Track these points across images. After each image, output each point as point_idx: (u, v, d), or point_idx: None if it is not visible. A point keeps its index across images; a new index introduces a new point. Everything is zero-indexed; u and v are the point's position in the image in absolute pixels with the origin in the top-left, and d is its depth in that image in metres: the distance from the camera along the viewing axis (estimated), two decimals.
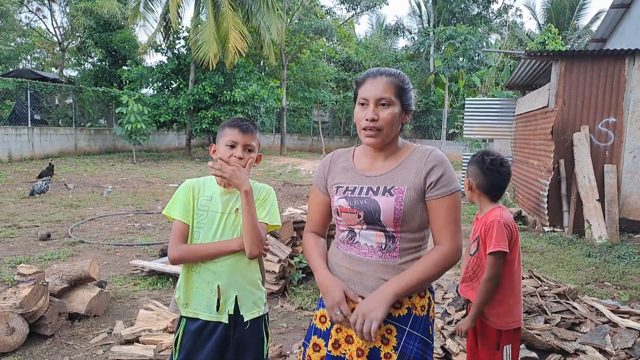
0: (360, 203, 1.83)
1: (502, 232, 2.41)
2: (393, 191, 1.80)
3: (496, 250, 2.38)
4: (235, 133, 2.13)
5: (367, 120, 1.80)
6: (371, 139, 1.82)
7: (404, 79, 1.86)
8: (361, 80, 1.87)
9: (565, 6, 28.47)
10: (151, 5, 19.63)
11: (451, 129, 25.05)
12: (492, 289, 2.42)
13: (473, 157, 2.60)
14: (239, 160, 2.11)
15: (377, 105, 1.80)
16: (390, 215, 1.78)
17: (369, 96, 1.81)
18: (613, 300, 4.80)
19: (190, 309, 2.18)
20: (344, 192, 1.89)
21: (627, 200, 7.93)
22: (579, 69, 7.98)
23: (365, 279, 1.83)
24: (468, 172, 2.60)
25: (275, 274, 4.75)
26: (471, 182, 2.56)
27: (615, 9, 11.59)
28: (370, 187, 1.85)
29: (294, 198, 10.94)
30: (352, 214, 1.85)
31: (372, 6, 27.39)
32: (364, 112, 1.83)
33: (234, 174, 2.06)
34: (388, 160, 1.89)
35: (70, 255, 6.01)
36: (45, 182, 10.08)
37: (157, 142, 23.40)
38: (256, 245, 2.10)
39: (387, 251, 1.82)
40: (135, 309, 4.25)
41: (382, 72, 1.84)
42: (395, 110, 1.81)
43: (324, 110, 29.09)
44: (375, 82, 1.82)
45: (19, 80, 17.22)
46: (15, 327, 3.46)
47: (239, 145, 2.13)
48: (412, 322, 1.83)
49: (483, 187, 2.54)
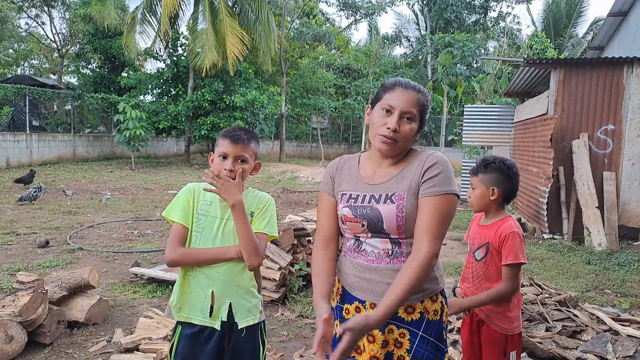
0: (363, 212, 1.83)
1: (522, 244, 2.42)
2: (394, 198, 1.80)
3: (518, 262, 2.38)
4: (227, 144, 2.12)
5: (389, 129, 1.79)
6: (385, 147, 1.81)
7: (429, 99, 1.88)
8: (390, 87, 1.85)
9: (562, 14, 28.61)
10: (148, 14, 19.64)
11: (450, 136, 25.10)
12: (505, 297, 2.44)
13: (486, 164, 2.53)
14: (229, 173, 2.09)
15: (401, 118, 1.80)
16: (393, 223, 1.78)
17: (396, 105, 1.80)
18: (614, 308, 4.80)
19: (184, 313, 2.17)
20: (348, 200, 1.89)
21: (626, 208, 7.94)
22: (578, 76, 8.01)
23: (376, 286, 1.83)
24: (488, 180, 2.51)
25: (275, 282, 4.73)
26: (495, 190, 2.49)
27: (612, 17, 11.67)
28: (373, 195, 1.85)
29: (294, 205, 10.92)
30: (356, 223, 1.86)
31: (370, 14, 27.54)
32: (386, 118, 1.81)
33: (223, 188, 2.05)
34: (391, 167, 1.89)
35: (69, 263, 5.99)
36: (36, 190, 9.96)
37: (155, 149, 23.40)
38: (254, 257, 2.09)
39: (395, 257, 1.82)
40: (135, 317, 4.23)
41: (413, 87, 1.84)
42: (414, 126, 1.83)
43: (322, 117, 29.13)
44: (406, 95, 1.81)
45: (18, 87, 17.23)
46: (14, 335, 3.43)
47: (229, 157, 2.12)
48: (425, 326, 1.83)
49: (506, 193, 2.52)
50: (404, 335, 1.82)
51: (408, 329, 1.82)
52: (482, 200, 2.54)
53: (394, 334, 1.83)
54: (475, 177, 2.56)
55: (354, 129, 29.44)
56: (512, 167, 2.53)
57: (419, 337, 1.81)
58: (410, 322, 1.82)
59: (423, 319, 1.83)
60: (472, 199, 2.57)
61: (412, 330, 1.82)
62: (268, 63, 21.31)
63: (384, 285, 1.80)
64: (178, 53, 20.85)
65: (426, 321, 1.83)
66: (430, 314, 1.84)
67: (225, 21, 18.11)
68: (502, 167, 2.51)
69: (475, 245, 2.56)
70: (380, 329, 1.81)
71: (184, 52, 20.46)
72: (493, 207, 2.54)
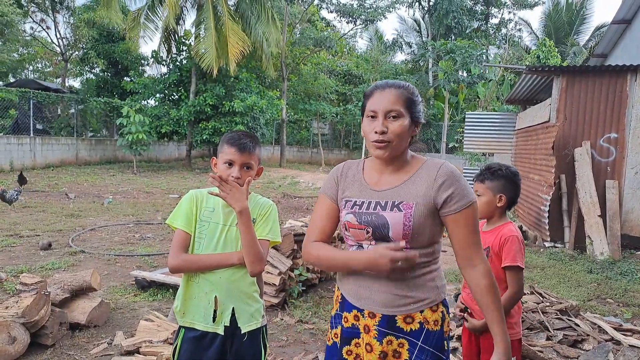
0: (368, 219, 1.80)
1: (521, 249, 2.44)
2: (402, 206, 1.77)
3: (515, 265, 2.41)
4: (233, 152, 2.13)
5: (377, 133, 1.76)
6: (380, 151, 1.79)
7: (413, 91, 1.84)
8: (369, 93, 1.84)
9: (564, 21, 28.68)
10: (152, 16, 19.78)
11: (451, 143, 25.10)
12: (516, 302, 2.46)
13: (493, 172, 2.54)
14: (236, 179, 2.10)
15: (386, 118, 1.77)
16: (400, 231, 1.75)
17: (377, 108, 1.78)
18: (616, 318, 4.78)
19: (187, 318, 2.19)
20: (352, 206, 1.85)
21: (628, 217, 7.92)
22: (581, 84, 8.01)
23: (375, 295, 1.81)
24: (495, 187, 2.52)
25: (275, 287, 4.73)
26: (502, 197, 2.51)
27: (616, 24, 11.69)
28: (379, 202, 1.81)
29: (294, 210, 10.93)
30: (360, 230, 1.82)
31: (371, 20, 27.63)
32: (372, 124, 1.79)
33: (230, 194, 2.05)
34: (396, 174, 1.86)
35: (71, 265, 6.00)
36: (17, 192, 9.82)
37: (157, 153, 23.46)
38: (257, 263, 2.11)
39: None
40: (136, 320, 4.23)
41: (391, 85, 1.82)
42: (404, 122, 1.78)
43: (323, 122, 29.17)
44: (384, 94, 1.79)
45: (22, 90, 17.32)
46: (17, 336, 3.44)
47: (236, 165, 2.13)
48: (425, 336, 1.80)
49: (511, 199, 2.54)
50: (403, 346, 1.79)
51: (407, 339, 1.79)
52: (489, 207, 2.55)
53: (393, 344, 1.79)
54: (481, 184, 2.57)
55: (354, 134, 29.46)
56: (517, 174, 2.56)
57: (418, 348, 1.78)
58: (410, 332, 1.79)
59: (422, 329, 1.80)
60: (478, 206, 2.57)
61: (411, 340, 1.79)
62: (271, 68, 21.40)
63: (383, 295, 1.79)
64: (181, 57, 20.95)
65: (426, 331, 1.80)
66: (430, 324, 1.81)
67: (227, 24, 18.22)
68: (509, 174, 2.53)
69: None
70: (378, 339, 1.79)
71: (187, 56, 20.55)
72: (497, 213, 2.56)
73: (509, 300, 2.42)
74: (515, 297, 2.44)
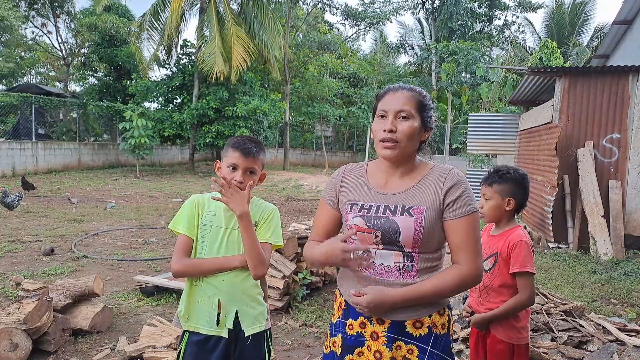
0: (378, 223, 1.78)
1: (530, 253, 2.40)
2: (412, 211, 1.76)
3: (525, 270, 2.37)
4: (237, 156, 2.14)
5: (385, 131, 1.77)
6: (388, 151, 1.78)
7: (425, 95, 1.85)
8: (382, 94, 1.86)
9: (566, 22, 28.65)
10: (155, 22, 19.84)
11: (454, 144, 25.08)
12: (525, 308, 2.44)
13: (501, 175, 2.51)
14: (239, 184, 2.11)
15: (396, 118, 1.78)
16: (410, 236, 1.74)
17: (388, 108, 1.79)
18: (620, 318, 4.76)
19: (191, 322, 2.19)
20: (360, 210, 1.83)
21: (632, 217, 7.90)
22: (583, 85, 8.00)
23: None
24: (504, 191, 2.49)
25: (279, 290, 4.72)
26: (510, 200, 2.48)
27: (617, 25, 11.67)
28: (388, 206, 1.80)
29: (298, 213, 10.92)
30: (369, 233, 1.80)
31: (375, 23, 27.65)
32: (382, 123, 1.80)
33: (231, 198, 2.06)
34: (404, 178, 1.84)
35: (74, 271, 6.00)
36: (18, 197, 9.83)
37: (160, 157, 23.48)
38: (260, 267, 2.12)
39: (405, 271, 1.78)
40: (139, 325, 4.22)
41: (404, 87, 1.83)
42: (414, 124, 1.78)
43: (327, 125, 29.18)
44: (396, 95, 1.80)
45: (24, 95, 17.34)
46: (19, 342, 3.43)
47: (239, 169, 2.14)
48: (434, 341, 1.79)
49: (520, 203, 2.51)
50: (412, 352, 1.78)
51: (416, 344, 1.78)
52: (497, 211, 2.52)
53: (402, 350, 1.78)
54: (489, 188, 2.53)
55: (358, 137, 29.48)
56: (526, 177, 2.52)
57: (427, 353, 1.78)
58: (419, 338, 1.78)
59: (431, 334, 1.79)
60: (486, 210, 2.53)
61: (420, 346, 1.78)
62: (276, 71, 21.43)
63: None
64: (184, 61, 20.99)
65: (434, 336, 1.79)
66: (438, 328, 1.81)
67: (231, 29, 18.28)
68: (517, 177, 2.49)
69: (484, 255, 2.52)
70: (387, 345, 1.78)
71: (191, 59, 20.58)
72: (506, 217, 2.52)
73: (519, 306, 2.40)
74: (526, 303, 2.41)
